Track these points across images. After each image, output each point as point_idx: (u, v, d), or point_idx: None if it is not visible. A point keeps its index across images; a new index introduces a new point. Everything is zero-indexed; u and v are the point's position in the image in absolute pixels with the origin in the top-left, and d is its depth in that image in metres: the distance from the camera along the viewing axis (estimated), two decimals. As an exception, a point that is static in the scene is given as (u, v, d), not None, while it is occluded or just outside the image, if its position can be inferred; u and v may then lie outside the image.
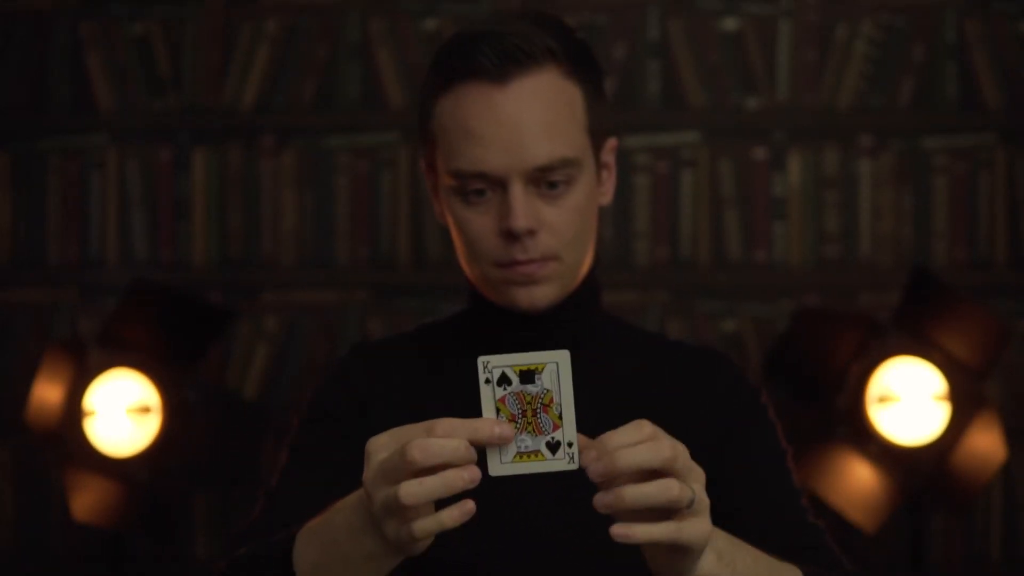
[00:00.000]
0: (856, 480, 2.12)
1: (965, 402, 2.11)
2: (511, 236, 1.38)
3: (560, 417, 1.09)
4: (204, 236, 2.34)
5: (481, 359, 1.09)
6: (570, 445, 1.09)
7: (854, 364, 2.14)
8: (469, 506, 1.05)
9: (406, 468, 1.04)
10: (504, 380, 1.09)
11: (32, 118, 2.34)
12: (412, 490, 1.04)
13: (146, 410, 2.13)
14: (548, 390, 1.09)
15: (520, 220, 1.37)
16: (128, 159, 2.35)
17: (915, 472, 2.12)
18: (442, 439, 1.05)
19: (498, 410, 1.09)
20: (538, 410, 1.09)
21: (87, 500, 2.08)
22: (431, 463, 1.04)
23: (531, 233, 1.38)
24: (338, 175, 2.34)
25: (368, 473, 1.08)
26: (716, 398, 1.47)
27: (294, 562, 1.18)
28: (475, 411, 1.08)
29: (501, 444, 1.08)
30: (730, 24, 2.34)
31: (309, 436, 1.44)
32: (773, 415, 1.49)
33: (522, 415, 1.09)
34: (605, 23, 2.32)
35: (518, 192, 1.38)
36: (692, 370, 1.50)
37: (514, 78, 1.38)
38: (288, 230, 2.34)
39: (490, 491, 1.15)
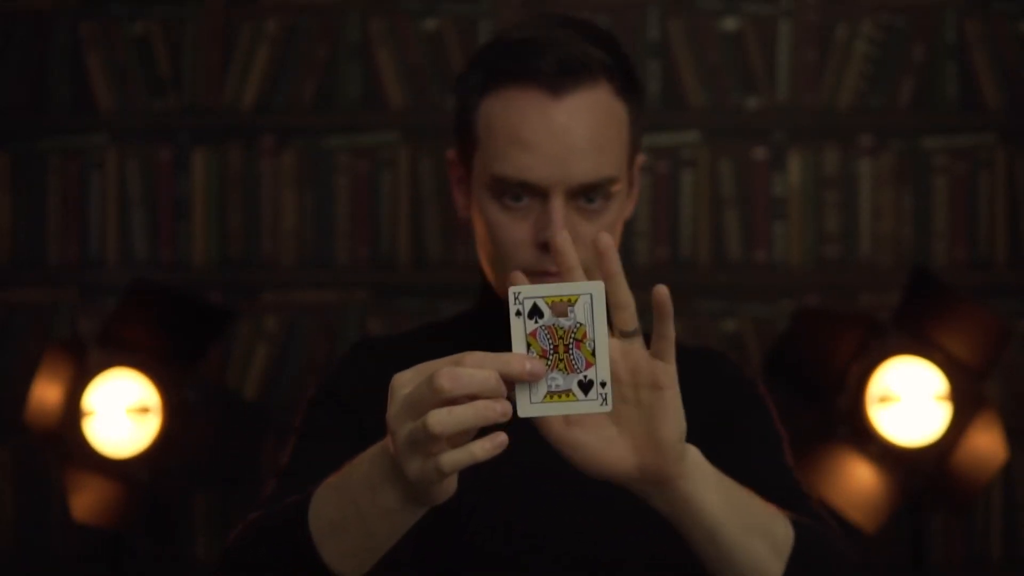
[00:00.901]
0: (856, 480, 2.12)
1: (965, 402, 2.11)
2: (547, 248, 1.38)
3: (593, 354, 1.03)
4: (204, 236, 2.34)
5: (512, 289, 1.04)
6: (603, 385, 1.04)
7: (854, 364, 2.14)
8: (501, 438, 1.00)
9: (434, 397, 0.99)
10: (536, 312, 1.04)
11: (32, 118, 2.34)
12: (441, 418, 0.98)
13: (146, 410, 2.13)
14: (581, 324, 1.04)
15: (559, 233, 1.37)
16: (128, 159, 2.34)
17: (915, 472, 2.12)
18: (472, 369, 1.00)
19: (528, 345, 1.03)
20: (570, 346, 1.03)
21: (87, 500, 2.08)
22: (460, 392, 0.99)
23: None
24: (338, 175, 2.34)
25: (392, 409, 1.03)
26: (713, 392, 1.48)
27: (310, 522, 1.14)
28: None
29: (532, 381, 1.03)
30: (730, 24, 2.34)
31: (319, 418, 1.44)
32: (770, 404, 1.50)
33: (553, 351, 1.03)
34: (605, 23, 2.32)
35: (559, 205, 1.38)
36: (691, 370, 1.51)
37: (570, 91, 1.38)
38: (288, 230, 2.34)
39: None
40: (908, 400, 2.10)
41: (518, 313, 1.04)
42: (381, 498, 1.08)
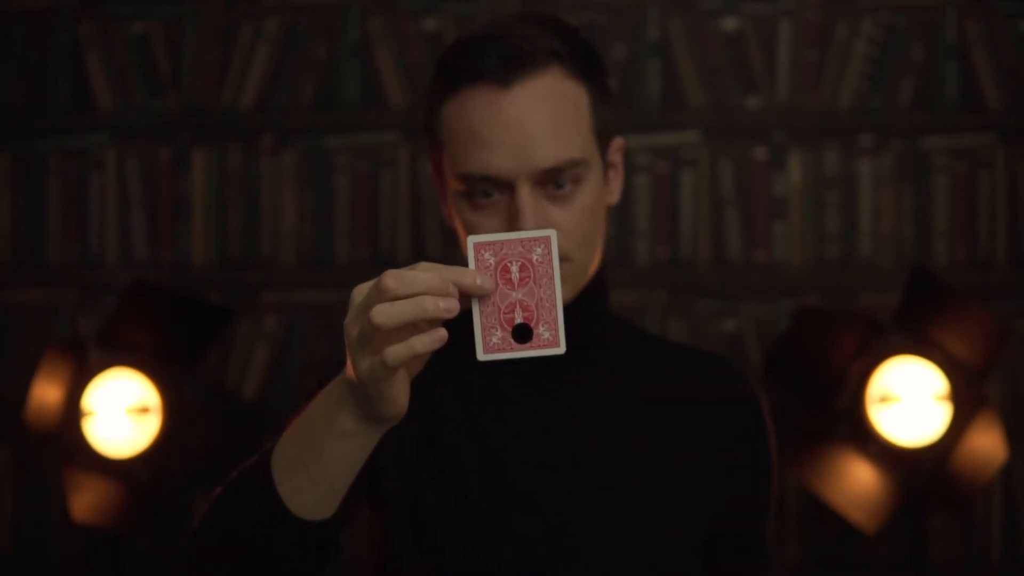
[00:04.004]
0: (856, 480, 2.12)
1: (965, 402, 2.11)
2: None
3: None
4: (204, 236, 2.34)
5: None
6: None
7: (854, 364, 2.14)
8: (440, 333, 1.04)
9: (379, 297, 1.04)
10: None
11: (32, 118, 2.34)
12: (383, 310, 1.03)
13: (146, 410, 2.13)
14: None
15: (529, 222, 1.38)
16: (128, 159, 2.34)
17: (915, 472, 2.12)
18: (418, 271, 1.05)
19: None
20: None
21: (87, 500, 2.08)
22: (404, 291, 1.04)
23: None
24: (338, 175, 2.34)
25: (347, 317, 1.08)
26: (719, 411, 1.48)
27: (272, 464, 1.17)
28: (477, 402, 1.07)
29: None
30: (730, 24, 2.34)
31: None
32: (771, 435, 1.52)
33: None
34: (605, 23, 2.32)
35: (526, 194, 1.38)
36: (698, 377, 1.51)
37: (518, 81, 1.38)
38: (288, 230, 2.34)
39: (485, 444, 1.15)
40: (908, 400, 2.10)
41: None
42: (338, 420, 1.12)
